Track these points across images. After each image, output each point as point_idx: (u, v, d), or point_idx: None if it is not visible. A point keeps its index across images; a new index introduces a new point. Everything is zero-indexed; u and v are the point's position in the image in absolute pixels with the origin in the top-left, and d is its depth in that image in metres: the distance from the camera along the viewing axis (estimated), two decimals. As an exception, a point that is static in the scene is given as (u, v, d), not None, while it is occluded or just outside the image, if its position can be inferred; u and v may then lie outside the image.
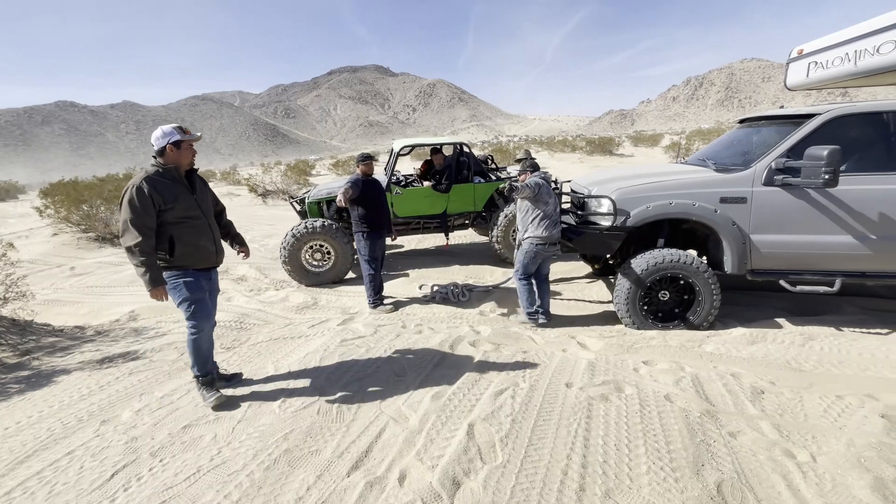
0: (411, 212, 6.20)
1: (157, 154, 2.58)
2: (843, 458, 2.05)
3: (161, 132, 2.55)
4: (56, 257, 7.37)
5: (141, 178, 2.47)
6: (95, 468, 2.17)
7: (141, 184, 2.44)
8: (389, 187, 5.95)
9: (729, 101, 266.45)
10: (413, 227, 6.45)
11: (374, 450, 2.22)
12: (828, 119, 3.39)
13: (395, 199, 6.02)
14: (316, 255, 5.57)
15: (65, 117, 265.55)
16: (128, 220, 2.42)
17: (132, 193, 2.43)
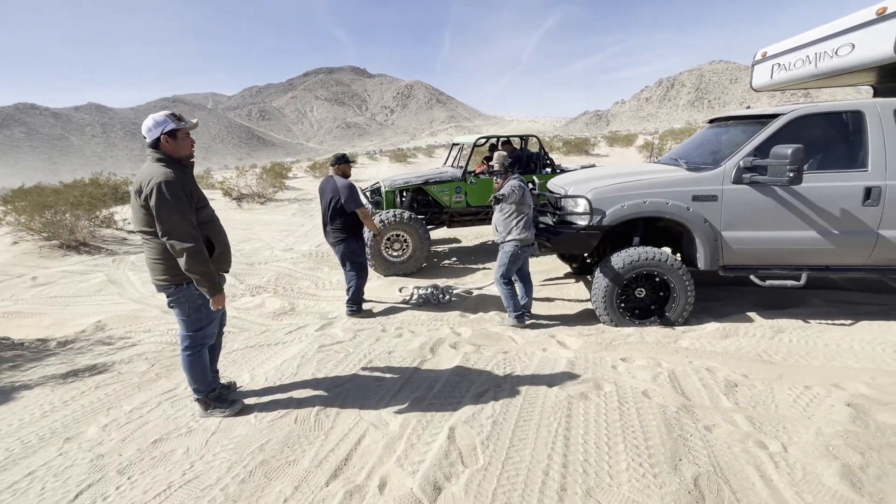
0: (483, 201, 6.50)
1: (151, 147, 2.28)
2: (812, 447, 2.12)
3: (152, 122, 2.27)
4: (16, 267, 7.02)
5: (163, 171, 2.18)
6: (58, 489, 2.06)
7: (170, 177, 2.16)
8: (465, 177, 6.37)
9: (699, 102, 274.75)
10: (481, 217, 6.73)
11: (353, 457, 2.18)
12: (791, 119, 3.51)
13: (469, 188, 6.38)
14: (395, 245, 5.77)
15: (25, 120, 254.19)
16: (178, 221, 2.15)
17: (164, 189, 2.14)
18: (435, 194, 6.36)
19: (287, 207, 13.03)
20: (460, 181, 6.36)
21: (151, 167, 2.22)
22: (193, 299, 2.37)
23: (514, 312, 4.00)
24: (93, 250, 7.99)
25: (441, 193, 6.35)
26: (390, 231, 5.63)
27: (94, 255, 7.75)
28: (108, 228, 9.35)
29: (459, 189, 6.38)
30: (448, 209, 6.46)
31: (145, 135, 2.27)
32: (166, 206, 2.14)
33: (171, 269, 2.29)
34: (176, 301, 2.36)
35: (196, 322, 2.42)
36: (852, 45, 3.52)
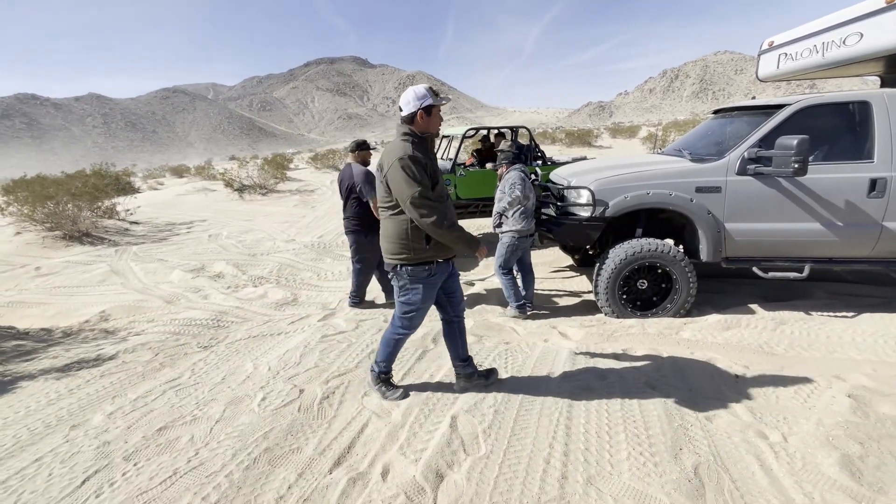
0: (473, 194, 6.35)
1: (406, 121, 2.21)
2: (812, 437, 2.13)
3: (413, 94, 2.18)
4: (20, 257, 7.05)
5: (406, 147, 2.13)
6: (65, 475, 2.09)
7: (414, 153, 2.11)
8: (454, 169, 6.16)
9: (703, 93, 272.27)
10: (471, 210, 6.54)
11: (356, 445, 2.20)
12: (797, 109, 3.48)
13: (458, 181, 6.21)
14: None
15: (25, 111, 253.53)
16: (422, 194, 2.07)
17: (409, 163, 2.09)
18: None
19: (289, 199, 13.01)
20: (449, 174, 6.19)
21: (396, 144, 2.20)
22: (406, 282, 2.33)
23: (516, 303, 4.00)
24: (95, 241, 8.01)
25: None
26: None
27: (96, 245, 7.78)
28: (110, 219, 9.37)
29: (448, 182, 6.21)
30: None
31: (402, 107, 2.21)
32: (408, 180, 2.08)
33: (400, 249, 2.24)
34: (397, 279, 2.33)
35: (407, 305, 2.39)
36: (860, 35, 3.47)
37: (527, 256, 4.16)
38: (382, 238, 2.35)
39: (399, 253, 2.26)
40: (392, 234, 2.27)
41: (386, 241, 2.31)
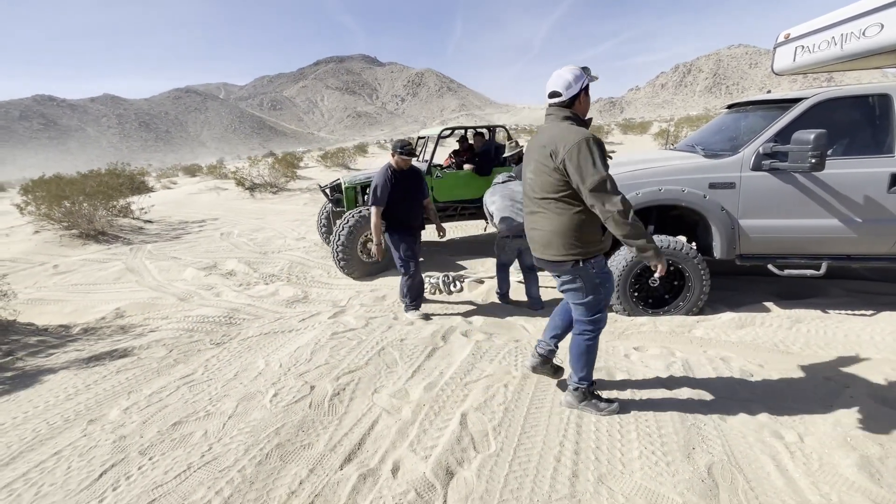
0: (451, 196, 6.17)
1: (566, 104, 2.06)
2: (830, 437, 2.09)
3: (572, 76, 2.03)
4: (38, 255, 7.20)
5: (582, 130, 1.99)
6: (83, 468, 2.14)
7: (591, 135, 1.94)
8: (430, 171, 5.92)
9: (717, 88, 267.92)
10: (450, 213, 6.38)
11: (367, 442, 2.21)
12: (815, 103, 3.40)
13: (435, 183, 5.98)
14: (367, 244, 5.33)
15: (43, 112, 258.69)
16: (610, 179, 1.91)
17: (594, 146, 1.92)
18: None
19: (299, 197, 13.11)
20: (426, 176, 5.80)
21: (562, 127, 2.03)
22: (591, 277, 2.13)
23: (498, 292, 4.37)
24: (111, 239, 8.16)
25: None
26: (366, 231, 5.21)
27: (111, 243, 7.92)
28: (125, 218, 9.53)
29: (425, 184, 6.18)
30: None
31: (562, 91, 2.05)
32: (594, 163, 1.91)
33: (574, 242, 2.06)
34: (573, 281, 2.14)
35: (595, 304, 2.18)
36: (881, 26, 3.37)
37: (526, 257, 4.09)
38: (545, 237, 2.13)
39: (574, 248, 2.06)
40: (563, 228, 2.06)
41: (554, 237, 2.09)
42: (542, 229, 2.14)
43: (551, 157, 2.00)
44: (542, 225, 2.13)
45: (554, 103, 2.09)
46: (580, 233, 2.05)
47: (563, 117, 2.06)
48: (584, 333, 2.26)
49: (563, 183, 2.01)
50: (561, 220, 2.06)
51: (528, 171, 2.18)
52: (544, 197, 2.09)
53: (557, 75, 2.08)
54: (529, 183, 2.18)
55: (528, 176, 2.18)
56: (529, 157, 2.20)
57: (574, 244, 2.06)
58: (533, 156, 2.14)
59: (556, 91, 2.07)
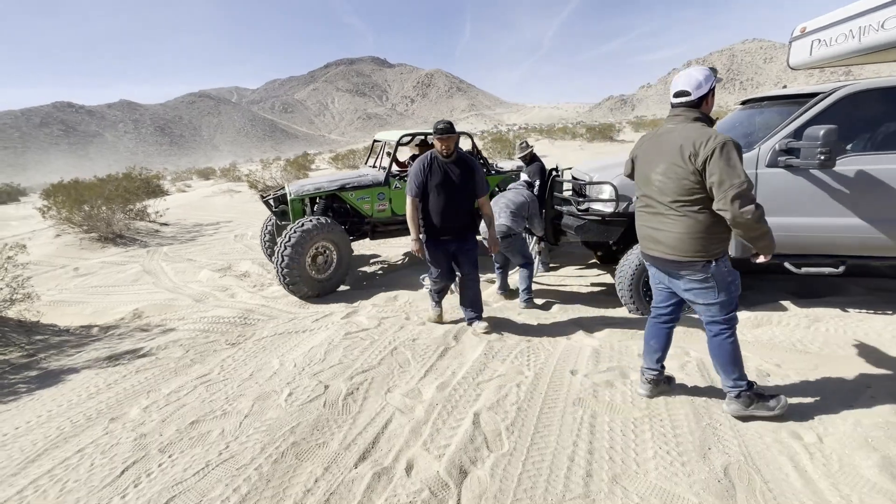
0: None
1: (693, 104, 2.05)
2: (850, 438, 2.05)
3: (702, 76, 2.03)
4: (60, 258, 7.39)
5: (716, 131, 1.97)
6: (105, 465, 2.19)
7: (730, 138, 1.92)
8: (388, 180, 5.50)
9: (730, 83, 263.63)
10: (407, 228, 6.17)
11: (380, 441, 2.23)
12: (842, 96, 3.30)
13: (394, 193, 5.55)
14: (318, 259, 4.84)
15: (62, 118, 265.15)
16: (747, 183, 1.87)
17: (734, 149, 1.90)
18: (353, 202, 5.38)
19: (311, 199, 13.23)
20: (383, 186, 5.46)
21: (696, 128, 2.01)
22: (724, 276, 2.09)
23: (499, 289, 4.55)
24: (128, 242, 8.33)
25: (361, 201, 5.39)
26: (316, 242, 4.71)
27: (129, 246, 8.09)
28: (141, 221, 9.73)
29: (383, 195, 5.48)
30: (370, 219, 5.51)
31: (691, 90, 2.04)
32: (735, 168, 1.89)
33: (706, 243, 2.05)
34: (705, 281, 2.09)
35: (728, 302, 2.14)
36: (901, 17, 3.29)
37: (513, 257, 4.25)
38: (672, 236, 2.09)
39: (707, 248, 2.05)
40: (697, 229, 2.03)
41: (687, 238, 2.05)
42: (672, 231, 2.10)
43: (690, 160, 1.96)
44: (673, 227, 2.10)
45: (681, 103, 2.08)
46: (712, 232, 2.04)
47: (694, 118, 2.05)
48: (721, 333, 2.18)
49: (698, 185, 1.98)
50: (695, 221, 2.04)
51: (656, 173, 2.12)
52: (676, 199, 2.06)
53: (686, 75, 2.07)
54: (658, 185, 2.11)
55: (657, 178, 2.11)
56: (653, 158, 2.14)
57: (707, 244, 2.05)
58: (662, 157, 2.08)
59: (684, 90, 2.06)
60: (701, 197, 2.01)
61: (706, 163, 1.92)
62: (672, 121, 2.13)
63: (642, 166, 2.26)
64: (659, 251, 2.19)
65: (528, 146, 5.47)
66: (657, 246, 2.19)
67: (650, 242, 2.24)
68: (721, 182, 1.89)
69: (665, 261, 2.18)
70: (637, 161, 2.32)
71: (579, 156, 18.69)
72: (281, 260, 4.52)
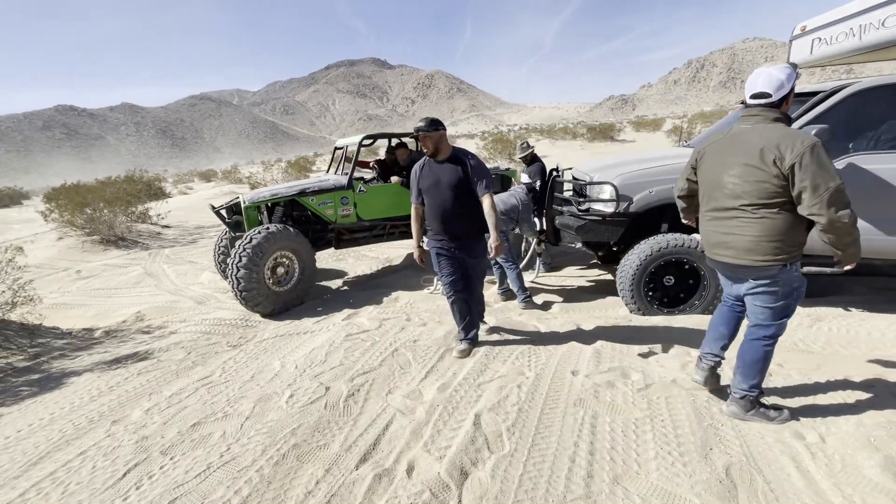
0: (378, 213, 5.36)
1: (775, 105, 1.97)
2: (852, 438, 2.04)
3: (784, 75, 1.95)
4: (62, 261, 7.42)
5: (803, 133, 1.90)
6: (108, 467, 2.20)
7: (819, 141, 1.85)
8: (352, 185, 5.18)
9: (731, 83, 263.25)
10: (376, 234, 5.56)
11: (381, 442, 2.23)
12: (851, 93, 3.28)
13: (358, 198, 5.22)
14: (278, 269, 4.49)
15: (64, 121, 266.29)
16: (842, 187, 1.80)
17: (823, 150, 1.82)
18: (315, 208, 5.04)
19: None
20: (346, 190, 5.16)
21: (778, 129, 1.93)
22: (791, 282, 2.04)
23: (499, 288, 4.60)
24: (130, 244, 8.36)
25: (323, 206, 5.06)
26: (275, 251, 4.40)
27: (131, 249, 8.12)
28: (143, 223, 9.76)
29: (346, 200, 5.16)
30: (334, 225, 5.19)
31: (772, 91, 1.96)
32: (828, 170, 1.82)
33: (782, 246, 1.98)
34: (772, 284, 2.04)
35: (786, 308, 2.09)
36: (901, 15, 3.28)
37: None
38: (746, 240, 2.03)
39: (783, 252, 1.98)
40: (774, 232, 1.97)
41: (763, 241, 1.99)
42: (746, 234, 2.03)
43: (775, 164, 1.88)
44: (748, 230, 2.02)
45: (760, 104, 1.99)
46: (790, 236, 1.97)
47: (774, 119, 1.97)
48: (764, 339, 2.13)
49: (781, 188, 1.90)
50: (773, 223, 1.96)
51: (729, 175, 2.03)
52: (754, 202, 1.97)
53: (767, 75, 1.98)
54: (730, 188, 2.03)
55: (730, 180, 2.03)
56: (725, 160, 2.05)
57: (783, 248, 1.98)
58: (737, 159, 2.00)
59: (764, 92, 1.97)
60: (781, 200, 1.92)
61: (794, 167, 1.83)
62: (747, 121, 2.03)
63: (711, 169, 2.13)
64: (729, 256, 2.10)
65: (530, 146, 5.45)
66: (727, 251, 2.10)
67: (719, 248, 2.14)
68: (815, 186, 1.80)
69: (735, 266, 2.10)
70: (703, 163, 2.20)
71: (580, 156, 18.68)
72: (235, 271, 4.17)
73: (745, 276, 2.10)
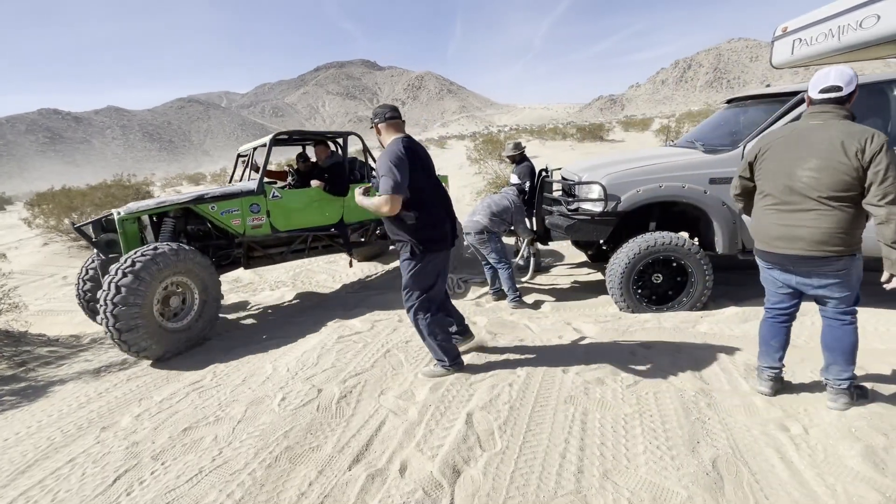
0: (297, 223, 4.55)
1: (841, 101, 2.05)
2: (834, 428, 2.10)
3: (851, 73, 2.04)
4: (48, 267, 7.31)
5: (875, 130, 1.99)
6: (97, 474, 2.18)
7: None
8: (263, 189, 4.33)
9: (717, 83, 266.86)
10: (296, 248, 4.72)
11: (374, 443, 2.24)
12: None
13: (272, 205, 4.36)
14: (171, 300, 3.62)
15: (48, 125, 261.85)
16: None
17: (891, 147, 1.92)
18: (216, 218, 4.08)
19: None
20: (256, 196, 4.27)
21: (851, 125, 2.02)
22: (858, 269, 2.15)
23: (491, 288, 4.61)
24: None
25: (227, 216, 4.12)
26: (165, 277, 3.48)
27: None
28: (131, 228, 9.64)
29: (257, 207, 4.28)
30: (242, 239, 4.27)
31: (843, 86, 2.04)
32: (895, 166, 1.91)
33: (851, 237, 2.07)
34: (846, 273, 2.12)
35: (856, 292, 2.21)
36: (878, 17, 3.38)
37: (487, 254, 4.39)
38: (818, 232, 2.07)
39: (850, 243, 2.08)
40: (846, 224, 2.05)
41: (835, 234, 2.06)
42: (819, 226, 2.07)
43: (857, 157, 1.95)
44: (821, 222, 2.07)
45: (832, 98, 2.06)
46: (857, 228, 2.07)
47: (844, 115, 2.04)
48: (852, 323, 2.23)
49: (857, 180, 1.98)
50: (845, 216, 2.04)
51: (805, 169, 2.07)
52: (831, 195, 2.03)
53: (838, 70, 2.04)
54: (806, 181, 2.07)
55: (806, 173, 2.06)
56: (799, 154, 2.08)
57: (851, 239, 2.08)
58: (813, 153, 2.05)
59: (836, 85, 2.03)
60: (854, 194, 2.01)
61: (872, 159, 1.92)
62: (817, 117, 2.09)
63: (781, 162, 2.15)
64: (798, 248, 2.14)
65: (521, 147, 5.47)
66: (795, 244, 2.14)
67: (785, 241, 2.16)
68: (884, 179, 1.91)
69: (805, 258, 2.14)
70: (768, 158, 2.20)
71: (570, 156, 18.81)
72: (109, 307, 3.23)
73: (815, 267, 2.14)
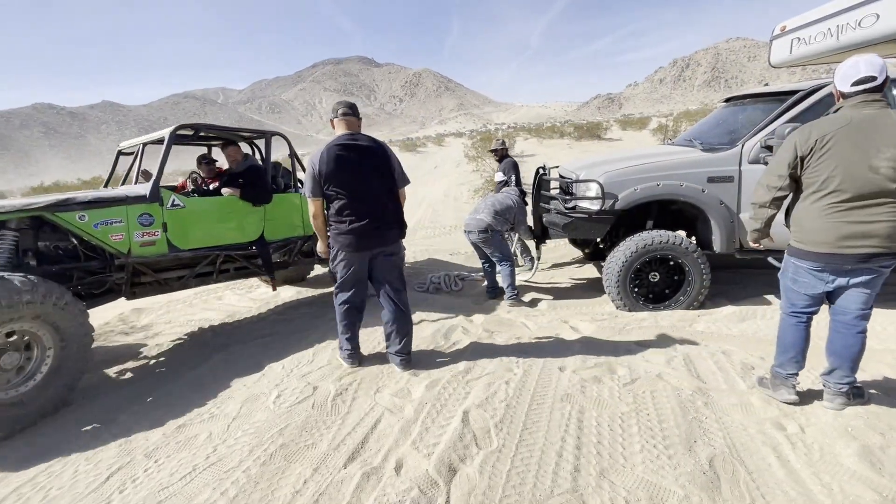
0: (204, 240, 3.58)
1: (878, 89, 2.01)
2: (830, 427, 2.10)
3: (882, 61, 1.98)
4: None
5: None
6: (90, 471, 2.16)
7: None
8: (159, 196, 3.33)
9: (715, 82, 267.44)
10: (202, 270, 3.69)
11: (370, 440, 2.23)
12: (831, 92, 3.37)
13: (170, 216, 3.37)
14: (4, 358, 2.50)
15: (43, 120, 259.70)
16: None
17: None
18: (87, 231, 2.99)
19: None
20: (149, 203, 3.28)
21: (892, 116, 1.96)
22: None
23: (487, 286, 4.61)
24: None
25: (104, 229, 3.05)
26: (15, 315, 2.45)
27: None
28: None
29: (150, 218, 3.27)
30: (126, 260, 3.18)
31: (877, 74, 1.97)
32: None
33: None
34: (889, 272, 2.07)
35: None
36: (877, 16, 3.37)
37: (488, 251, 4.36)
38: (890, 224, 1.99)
39: None
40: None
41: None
42: (893, 220, 1.99)
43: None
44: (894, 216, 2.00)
45: (869, 88, 1.98)
46: None
47: (883, 105, 1.98)
48: (864, 332, 2.19)
49: None
50: None
51: (881, 160, 1.95)
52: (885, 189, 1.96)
53: (867, 60, 1.98)
54: (885, 171, 1.95)
55: (884, 164, 1.94)
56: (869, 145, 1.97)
57: None
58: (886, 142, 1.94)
59: (871, 75, 1.96)
60: None
61: None
62: (870, 106, 1.99)
63: (853, 153, 2.00)
64: (870, 246, 2.02)
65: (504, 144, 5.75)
66: (868, 241, 2.02)
67: (856, 240, 2.03)
68: None
69: (875, 256, 2.03)
70: (831, 150, 2.03)
71: (568, 154, 18.80)
72: None
73: (876, 265, 2.05)
